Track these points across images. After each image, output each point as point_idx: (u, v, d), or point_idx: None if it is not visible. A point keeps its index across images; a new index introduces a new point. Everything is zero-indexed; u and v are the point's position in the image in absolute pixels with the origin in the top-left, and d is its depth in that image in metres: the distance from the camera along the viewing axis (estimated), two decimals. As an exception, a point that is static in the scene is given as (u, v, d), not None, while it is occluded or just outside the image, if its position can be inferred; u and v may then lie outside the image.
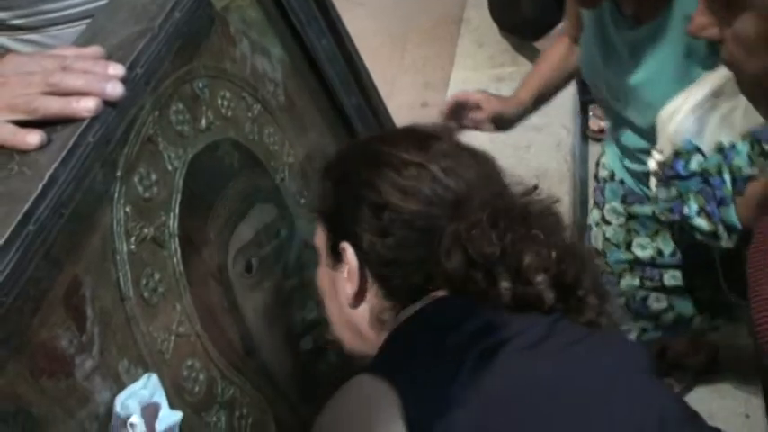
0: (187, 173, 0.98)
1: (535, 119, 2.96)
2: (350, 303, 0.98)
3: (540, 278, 0.91)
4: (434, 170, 0.96)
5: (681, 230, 1.45)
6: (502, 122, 1.61)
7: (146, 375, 0.83)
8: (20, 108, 0.76)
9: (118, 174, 0.86)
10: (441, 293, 0.93)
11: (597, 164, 1.86)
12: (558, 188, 2.52)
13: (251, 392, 1.00)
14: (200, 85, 1.03)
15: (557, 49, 1.72)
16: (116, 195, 0.86)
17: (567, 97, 2.75)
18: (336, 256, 0.99)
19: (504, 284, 0.90)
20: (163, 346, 0.89)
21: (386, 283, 0.96)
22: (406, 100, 2.82)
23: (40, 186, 0.69)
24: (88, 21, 1.08)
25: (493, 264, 0.91)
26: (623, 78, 1.45)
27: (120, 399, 0.77)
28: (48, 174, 0.70)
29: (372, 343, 0.96)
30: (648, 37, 1.38)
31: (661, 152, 1.38)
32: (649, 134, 1.43)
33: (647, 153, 1.42)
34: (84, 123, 0.76)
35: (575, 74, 1.71)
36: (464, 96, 1.56)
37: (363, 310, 0.98)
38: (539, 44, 2.90)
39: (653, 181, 1.41)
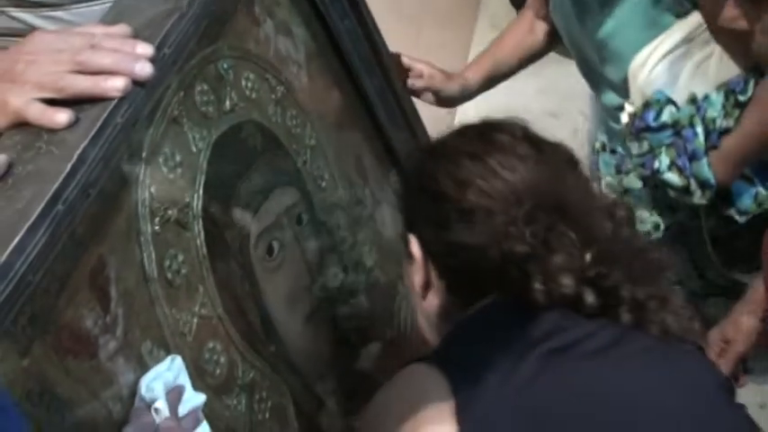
0: (211, 154, 0.97)
1: (552, 105, 2.96)
2: (420, 294, 1.00)
3: (566, 280, 0.90)
4: (492, 163, 0.96)
5: (654, 188, 1.41)
6: (441, 99, 1.55)
7: (170, 357, 0.82)
8: (48, 86, 0.76)
9: (143, 154, 0.85)
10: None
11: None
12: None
13: (271, 376, 1.00)
14: (225, 65, 1.02)
15: (516, 27, 1.65)
16: (141, 176, 0.85)
17: (585, 83, 2.73)
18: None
19: (536, 285, 0.89)
20: (185, 327, 0.88)
21: (449, 277, 0.97)
22: (422, 84, 2.80)
23: (69, 166, 0.69)
24: (113, -1, 1.08)
25: (524, 262, 0.92)
26: (596, 32, 1.40)
27: (146, 381, 0.76)
28: (76, 153, 0.70)
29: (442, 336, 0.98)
30: None
31: (632, 104, 1.35)
32: (625, 89, 1.40)
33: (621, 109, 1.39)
34: (113, 103, 0.75)
35: (535, 55, 1.64)
36: (408, 62, 1.50)
37: (433, 303, 1.00)
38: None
39: (626, 141, 1.39)
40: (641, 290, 0.92)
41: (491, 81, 1.61)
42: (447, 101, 1.55)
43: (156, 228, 0.86)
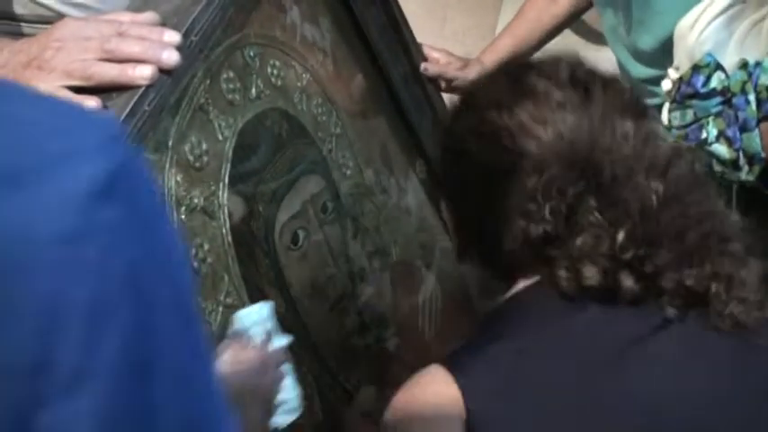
0: (237, 142, 0.97)
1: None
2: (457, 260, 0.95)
3: (589, 269, 0.80)
4: (520, 116, 0.83)
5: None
6: (456, 87, 1.45)
7: (260, 303, 0.85)
8: (76, 74, 0.76)
9: (170, 143, 0.85)
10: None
11: None
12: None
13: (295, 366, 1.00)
14: (251, 53, 1.02)
15: (534, 2, 1.54)
16: (167, 164, 0.85)
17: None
18: None
19: (561, 272, 0.81)
20: (210, 317, 0.88)
21: (479, 249, 0.90)
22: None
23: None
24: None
25: (543, 245, 0.83)
26: None
27: (239, 315, 0.81)
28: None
29: None
30: None
31: (677, 68, 1.23)
32: (661, 59, 1.30)
33: (658, 83, 1.27)
34: (140, 91, 0.75)
35: (559, 26, 1.54)
36: (425, 51, 1.41)
37: (473, 272, 0.94)
38: (585, 15, 2.84)
39: (665, 111, 1.26)
40: (696, 271, 0.80)
41: (517, 50, 1.51)
42: (462, 89, 1.44)
43: (183, 216, 0.86)
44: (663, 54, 1.28)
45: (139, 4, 0.90)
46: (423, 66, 1.37)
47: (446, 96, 1.48)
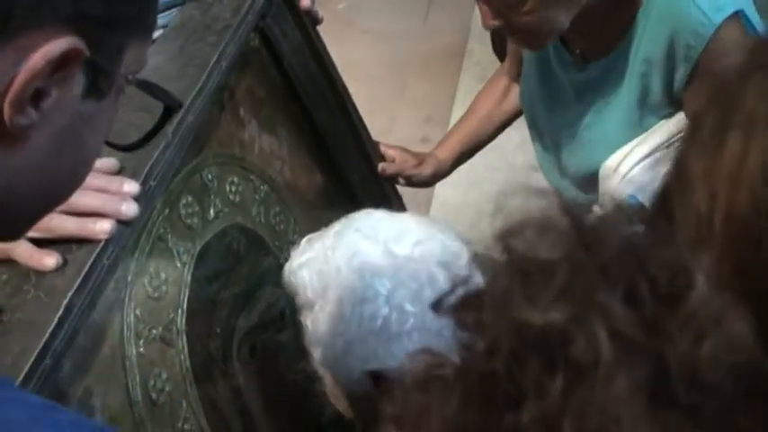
0: (195, 266, 0.99)
1: (534, 159, 2.99)
2: None
3: None
4: None
5: None
6: (414, 183, 1.50)
7: None
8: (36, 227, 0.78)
9: (129, 278, 0.88)
10: None
11: None
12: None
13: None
14: (210, 175, 1.05)
15: (488, 94, 1.57)
16: (126, 300, 0.88)
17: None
18: None
19: None
20: (168, 445, 0.90)
21: None
22: (406, 134, 2.83)
23: (56, 318, 0.71)
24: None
25: None
26: (567, 122, 1.32)
27: None
28: (64, 303, 0.72)
29: None
30: (598, 78, 1.25)
31: (601, 207, 1.26)
32: (590, 185, 1.31)
33: None
34: (99, 246, 0.77)
35: (511, 118, 1.56)
36: (382, 149, 1.45)
37: None
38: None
39: None
40: None
41: (465, 156, 1.56)
42: (420, 184, 1.51)
43: (141, 349, 0.89)
44: (595, 183, 1.29)
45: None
46: (380, 167, 1.41)
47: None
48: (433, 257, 0.98)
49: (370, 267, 0.96)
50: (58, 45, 0.43)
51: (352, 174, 1.37)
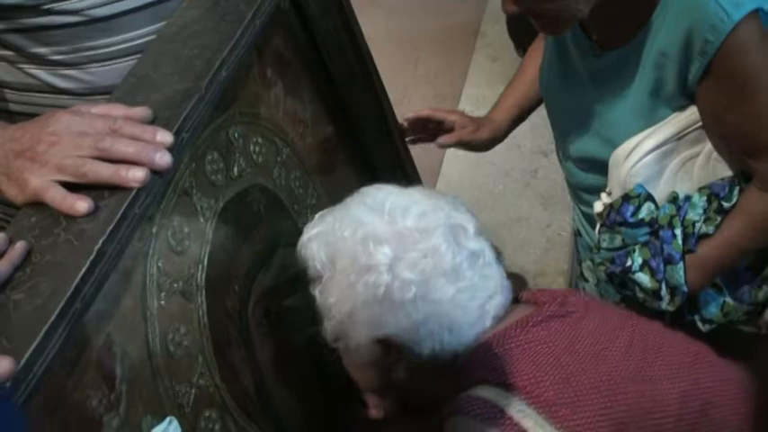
0: (217, 222, 0.99)
1: (543, 143, 2.99)
2: None
3: None
4: None
5: (621, 285, 1.32)
6: (474, 147, 1.53)
7: (168, 419, 0.85)
8: (68, 170, 0.77)
9: (154, 230, 0.88)
10: None
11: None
12: (560, 216, 2.54)
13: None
14: (236, 133, 1.04)
15: (532, 60, 1.55)
16: (150, 251, 0.87)
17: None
18: None
19: None
20: (183, 399, 0.90)
21: None
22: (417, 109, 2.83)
23: (88, 262, 0.71)
24: (129, 59, 1.09)
25: None
26: (583, 108, 1.32)
27: None
28: (96, 248, 0.72)
29: None
30: (614, 66, 1.26)
31: (609, 194, 1.28)
32: (596, 168, 1.32)
33: (597, 193, 1.31)
34: (132, 194, 0.77)
35: None
36: (441, 115, 1.47)
37: None
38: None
39: (596, 231, 1.31)
40: None
41: (519, 119, 1.57)
42: (479, 147, 1.53)
43: (162, 302, 0.88)
44: (605, 169, 1.30)
45: (129, 88, 0.92)
46: (440, 140, 1.45)
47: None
48: (437, 228, 1.00)
49: (374, 237, 0.99)
50: None
51: (370, 142, 1.36)
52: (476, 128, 1.50)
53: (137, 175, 0.77)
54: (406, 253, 0.98)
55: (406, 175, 1.44)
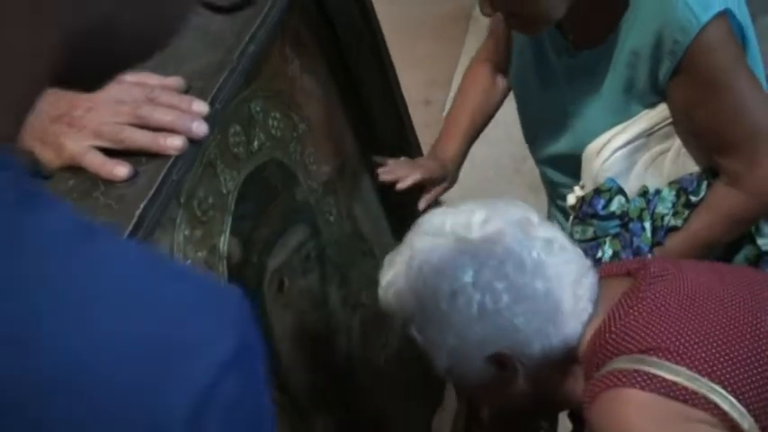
0: (238, 194, 1.00)
1: (518, 150, 3.01)
2: None
3: None
4: None
5: None
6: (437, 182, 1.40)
7: None
8: (106, 136, 0.78)
9: (182, 199, 0.89)
10: None
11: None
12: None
13: (278, 414, 1.04)
14: (258, 107, 1.06)
15: (472, 85, 1.52)
16: (178, 220, 0.88)
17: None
18: None
19: None
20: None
21: None
22: (409, 96, 2.83)
23: (131, 226, 0.72)
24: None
25: None
26: (558, 106, 1.34)
27: None
28: (137, 213, 0.73)
29: None
30: (588, 65, 1.28)
31: (582, 187, 1.32)
32: (569, 165, 1.35)
33: (571, 188, 1.34)
34: (170, 161, 0.78)
35: (499, 104, 1.54)
36: (390, 175, 1.32)
37: None
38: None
39: (569, 223, 1.34)
40: None
41: (470, 143, 1.51)
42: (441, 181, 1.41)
43: (188, 270, 0.89)
44: (579, 165, 1.31)
45: (159, 59, 0.93)
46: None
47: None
48: (504, 230, 1.00)
49: (448, 261, 0.99)
50: None
51: (380, 123, 1.38)
52: (428, 166, 1.39)
53: (175, 143, 0.78)
54: (484, 265, 0.98)
55: (409, 146, 1.45)
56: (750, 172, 1.21)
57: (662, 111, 1.25)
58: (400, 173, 1.31)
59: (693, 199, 1.26)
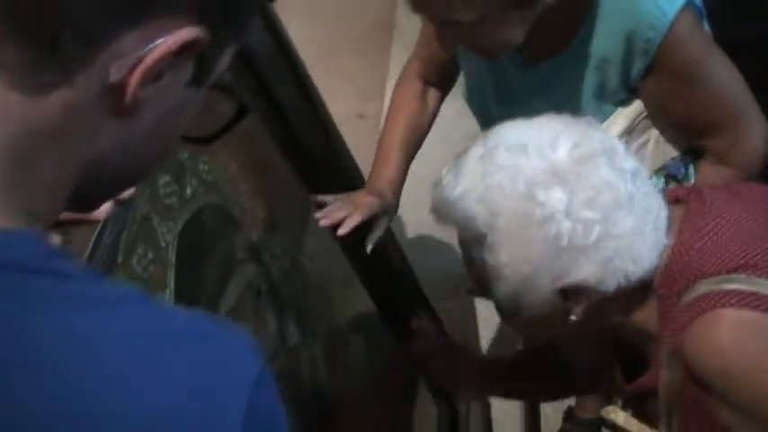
0: (178, 245, 1.00)
1: (473, 126, 3.03)
2: None
3: None
4: None
5: None
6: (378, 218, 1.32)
7: None
8: None
9: (119, 259, 0.88)
10: None
11: None
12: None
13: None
14: (185, 155, 1.05)
15: (405, 107, 1.46)
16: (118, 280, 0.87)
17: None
18: None
19: None
20: None
21: None
22: (342, 111, 2.83)
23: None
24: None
25: None
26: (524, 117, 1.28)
27: None
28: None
29: None
30: (551, 76, 1.27)
31: None
32: None
33: None
34: (100, 225, 0.77)
35: (433, 119, 1.50)
36: (328, 221, 1.23)
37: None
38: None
39: None
40: None
41: (407, 166, 1.46)
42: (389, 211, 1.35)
43: (135, 330, 0.88)
44: None
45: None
46: (368, 246, 1.29)
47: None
48: (598, 158, 0.92)
49: (538, 184, 0.90)
50: (188, 33, 0.46)
51: (314, 149, 1.37)
52: (372, 199, 1.31)
53: (102, 207, 0.77)
54: (578, 192, 0.90)
55: (346, 170, 1.45)
56: (735, 147, 1.24)
57: (636, 107, 1.26)
58: (339, 215, 1.23)
59: (685, 184, 1.28)
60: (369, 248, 1.28)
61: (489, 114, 1.39)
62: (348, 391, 1.35)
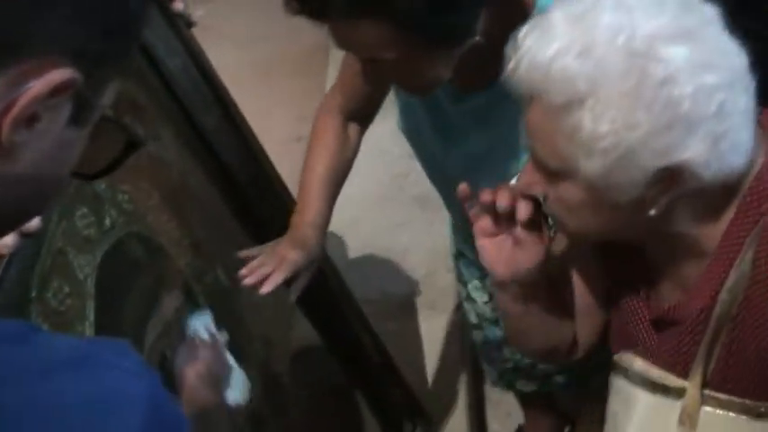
0: (98, 277, 0.98)
1: (408, 146, 3.05)
2: None
3: None
4: None
5: None
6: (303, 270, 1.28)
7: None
8: None
9: (33, 294, 0.86)
10: None
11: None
12: (438, 215, 2.59)
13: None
14: (102, 185, 1.04)
15: (325, 145, 1.37)
16: (32, 315, 0.86)
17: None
18: None
19: None
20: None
21: None
22: (280, 135, 2.84)
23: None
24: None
25: None
26: (470, 147, 1.28)
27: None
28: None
29: None
30: (488, 105, 1.22)
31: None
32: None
33: None
34: (5, 261, 0.76)
35: (355, 155, 1.43)
36: (252, 280, 1.18)
37: None
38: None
39: None
40: None
41: (332, 205, 1.37)
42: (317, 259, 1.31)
43: (53, 365, 0.87)
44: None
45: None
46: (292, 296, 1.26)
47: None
48: (713, 17, 0.80)
49: (655, 39, 0.77)
50: (59, 75, 0.46)
51: (240, 174, 1.37)
52: (298, 249, 1.26)
53: (6, 241, 0.76)
54: (702, 52, 0.78)
55: (278, 196, 1.45)
56: None
57: None
58: (263, 272, 1.18)
59: None
60: (293, 298, 1.26)
61: (427, 149, 1.36)
62: (285, 418, 1.33)
